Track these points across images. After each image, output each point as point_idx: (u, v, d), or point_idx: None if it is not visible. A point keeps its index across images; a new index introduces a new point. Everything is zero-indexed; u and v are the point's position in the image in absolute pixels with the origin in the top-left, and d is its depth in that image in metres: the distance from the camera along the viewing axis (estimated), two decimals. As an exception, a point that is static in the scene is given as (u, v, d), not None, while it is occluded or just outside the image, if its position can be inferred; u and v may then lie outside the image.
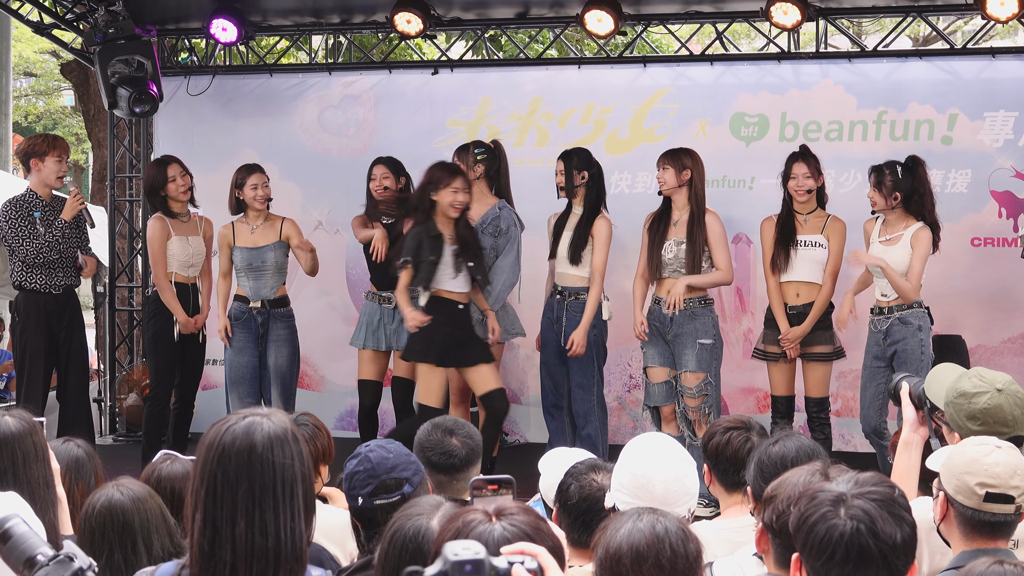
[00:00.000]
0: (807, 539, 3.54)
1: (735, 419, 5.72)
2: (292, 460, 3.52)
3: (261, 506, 3.48)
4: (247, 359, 10.71)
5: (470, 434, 5.45)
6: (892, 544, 3.48)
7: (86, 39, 11.91)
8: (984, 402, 5.12)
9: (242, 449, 3.53)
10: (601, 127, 12.14)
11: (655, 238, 9.89)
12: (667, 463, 4.52)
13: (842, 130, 11.74)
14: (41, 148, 10.62)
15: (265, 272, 10.63)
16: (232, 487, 3.50)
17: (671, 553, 3.60)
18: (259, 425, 3.55)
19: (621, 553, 3.55)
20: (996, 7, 10.62)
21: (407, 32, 11.81)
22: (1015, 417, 5.11)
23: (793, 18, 11.07)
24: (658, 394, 9.88)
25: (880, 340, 9.58)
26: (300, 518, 3.51)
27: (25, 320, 10.66)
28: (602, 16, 11.30)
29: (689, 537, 3.65)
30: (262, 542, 3.47)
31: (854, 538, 3.47)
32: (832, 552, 3.48)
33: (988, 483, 4.44)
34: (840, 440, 11.54)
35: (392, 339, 10.65)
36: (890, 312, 9.55)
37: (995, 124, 11.46)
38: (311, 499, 3.58)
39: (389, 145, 12.11)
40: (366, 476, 4.51)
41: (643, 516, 3.69)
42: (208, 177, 11.66)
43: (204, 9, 12.13)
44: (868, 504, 3.51)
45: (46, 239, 10.46)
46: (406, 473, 4.51)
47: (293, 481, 3.51)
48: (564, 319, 10.09)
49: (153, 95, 11.54)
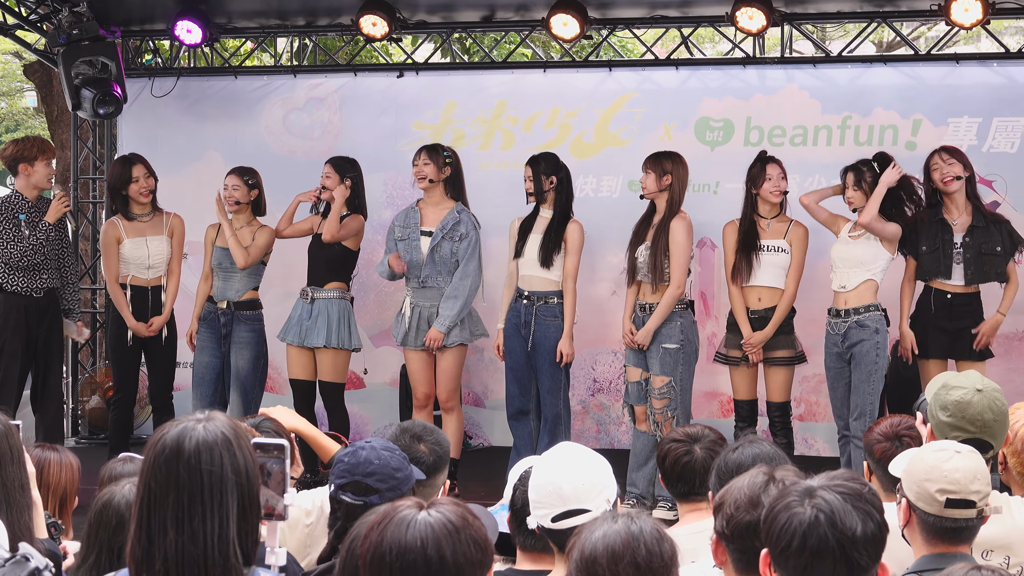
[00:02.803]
0: (770, 529, 3.56)
1: (683, 432, 5.71)
2: (221, 467, 3.49)
3: (190, 514, 3.46)
4: (208, 359, 10.77)
5: (438, 440, 5.44)
6: (851, 536, 3.49)
7: (50, 40, 11.86)
8: (959, 396, 5.13)
9: (170, 457, 3.51)
10: (567, 131, 12.15)
11: (635, 241, 9.95)
12: (569, 464, 4.48)
13: (807, 135, 11.78)
14: (31, 153, 10.55)
15: (234, 273, 10.67)
16: (163, 496, 3.49)
17: (646, 552, 3.60)
18: (190, 432, 3.53)
19: (597, 554, 3.56)
20: (960, 13, 10.68)
21: (372, 35, 11.81)
22: (984, 420, 5.10)
23: (758, 23, 11.11)
24: (633, 393, 9.94)
25: (839, 342, 9.67)
26: (229, 526, 3.48)
27: (4, 321, 10.59)
28: (567, 20, 11.31)
29: (664, 538, 3.65)
30: (192, 551, 3.45)
31: (812, 527, 3.49)
32: (790, 541, 3.50)
33: (948, 489, 4.42)
34: (803, 444, 11.60)
35: (305, 336, 10.53)
36: (847, 315, 9.63)
37: (959, 130, 11.51)
38: (249, 504, 3.55)
39: (354, 148, 12.07)
40: (345, 468, 4.53)
41: (618, 518, 3.70)
42: (173, 179, 11.67)
43: (169, 11, 12.08)
44: (832, 495, 3.53)
45: (30, 242, 10.42)
46: (380, 485, 4.51)
47: (223, 488, 3.48)
48: (533, 323, 10.10)
49: (117, 97, 11.49)
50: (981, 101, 11.49)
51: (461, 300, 10.24)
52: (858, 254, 9.61)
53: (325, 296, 10.53)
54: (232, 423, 3.61)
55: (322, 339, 10.45)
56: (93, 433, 12.68)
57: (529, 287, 10.17)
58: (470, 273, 10.28)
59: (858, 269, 9.64)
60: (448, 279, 10.28)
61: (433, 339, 10.23)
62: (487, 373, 12.13)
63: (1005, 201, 11.41)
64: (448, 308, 10.22)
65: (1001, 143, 11.47)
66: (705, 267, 11.59)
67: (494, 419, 12.12)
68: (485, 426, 12.20)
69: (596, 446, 9.87)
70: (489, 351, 11.13)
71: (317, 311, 10.49)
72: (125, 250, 10.71)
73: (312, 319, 10.49)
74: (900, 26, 12.19)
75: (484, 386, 12.24)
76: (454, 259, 10.29)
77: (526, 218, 10.29)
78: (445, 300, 10.24)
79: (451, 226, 10.31)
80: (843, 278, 9.69)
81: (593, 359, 11.82)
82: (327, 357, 10.52)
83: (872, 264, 9.63)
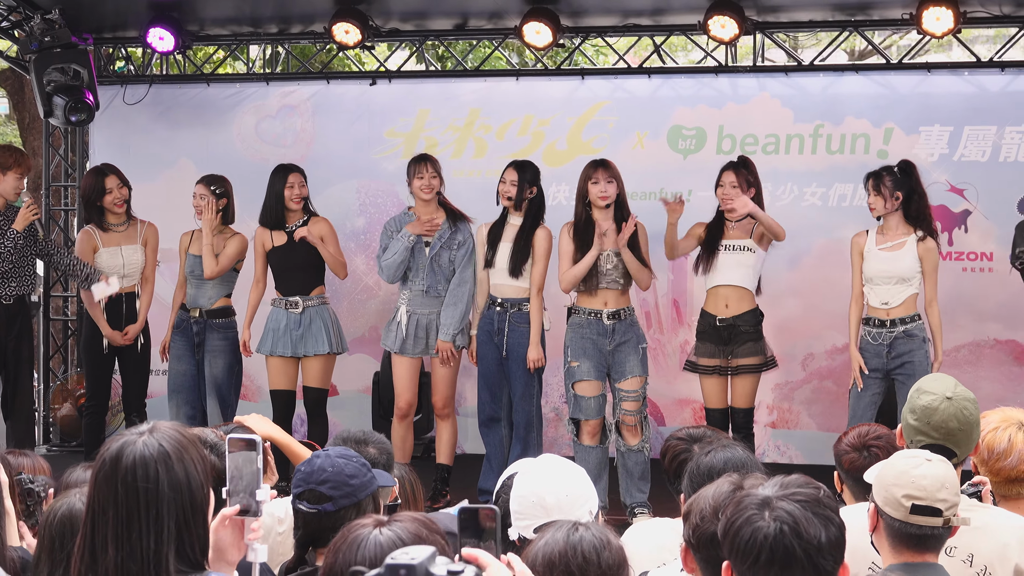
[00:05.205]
0: (733, 543, 3.57)
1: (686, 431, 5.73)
2: (156, 483, 3.50)
3: (128, 531, 3.48)
4: (184, 367, 10.78)
5: (381, 441, 5.50)
6: (817, 545, 3.50)
7: (21, 47, 11.85)
8: (927, 401, 5.19)
9: (109, 474, 3.53)
10: (539, 139, 12.19)
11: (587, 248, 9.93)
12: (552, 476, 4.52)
13: (779, 143, 11.83)
14: (6, 162, 10.55)
15: (206, 281, 10.68)
16: (103, 512, 3.52)
17: (582, 560, 3.64)
18: (129, 447, 3.55)
19: (536, 561, 3.59)
20: (932, 22, 10.74)
21: (345, 43, 11.81)
22: (949, 428, 5.14)
23: (731, 32, 11.14)
24: (592, 408, 9.87)
25: (882, 352, 9.64)
26: (165, 542, 3.49)
27: None
28: (540, 28, 11.32)
29: (606, 547, 3.69)
30: (131, 567, 3.47)
31: (778, 540, 3.50)
32: (757, 555, 3.50)
33: (915, 495, 4.42)
34: (776, 452, 11.64)
35: (299, 345, 10.54)
36: (893, 325, 9.65)
37: (930, 138, 11.58)
38: (192, 515, 3.56)
39: (327, 155, 12.18)
40: (301, 478, 4.54)
41: (563, 527, 3.75)
42: (145, 186, 11.63)
43: (141, 18, 12.07)
44: (792, 506, 3.54)
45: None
46: (333, 493, 4.52)
47: (159, 504, 3.49)
48: (506, 330, 10.12)
49: (89, 104, 11.49)
50: (952, 110, 11.56)
51: (461, 306, 10.30)
52: (901, 269, 9.59)
53: (314, 304, 10.55)
54: (178, 433, 3.62)
55: (323, 345, 10.47)
56: (64, 440, 12.66)
57: (501, 295, 10.17)
58: (467, 280, 10.32)
59: (901, 285, 9.68)
60: (447, 287, 10.32)
61: (444, 350, 10.28)
62: (460, 381, 12.10)
63: (976, 209, 11.49)
64: (449, 316, 10.27)
65: (972, 152, 11.53)
66: (678, 275, 11.63)
67: (468, 426, 12.12)
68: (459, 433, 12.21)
69: (569, 453, 9.94)
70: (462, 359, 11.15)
71: (309, 319, 10.49)
72: (101, 259, 10.75)
73: (304, 327, 10.48)
74: (872, 35, 12.26)
75: (458, 394, 12.19)
76: (451, 267, 10.33)
77: (494, 225, 10.28)
78: (446, 308, 10.28)
79: (449, 235, 10.36)
80: (884, 293, 9.67)
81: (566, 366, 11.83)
82: (316, 363, 10.53)
83: (913, 278, 9.68)
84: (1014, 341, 11.48)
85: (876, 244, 9.71)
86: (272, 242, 10.58)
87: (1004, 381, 11.39)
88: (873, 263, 9.68)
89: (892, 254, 9.63)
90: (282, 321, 10.56)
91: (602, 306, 9.88)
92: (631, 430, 9.79)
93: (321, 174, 11.54)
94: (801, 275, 11.37)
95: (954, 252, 11.40)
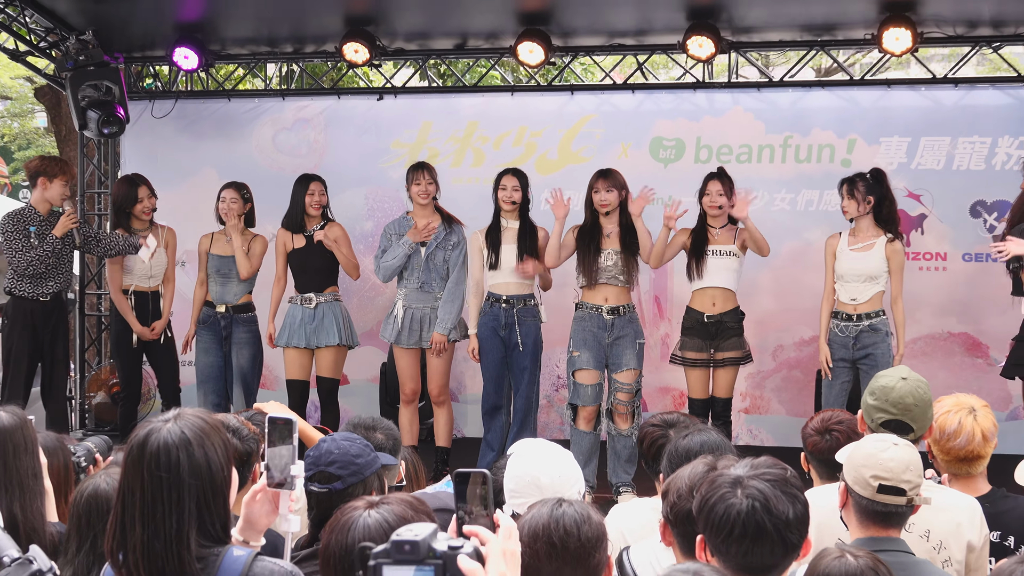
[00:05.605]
0: (708, 519, 3.60)
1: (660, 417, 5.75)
2: (178, 469, 3.51)
3: (153, 512, 3.49)
4: (212, 359, 10.89)
5: (388, 427, 5.48)
6: (785, 520, 3.55)
7: (58, 66, 11.83)
8: (885, 382, 5.35)
9: (136, 459, 3.54)
10: (532, 149, 12.16)
11: (590, 248, 9.94)
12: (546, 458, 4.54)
13: (751, 153, 11.81)
14: (53, 170, 10.65)
15: (231, 279, 10.79)
16: (131, 494, 3.53)
17: (563, 533, 3.63)
18: (154, 434, 3.55)
19: (522, 532, 3.57)
20: (891, 42, 10.74)
21: (354, 61, 11.78)
22: (905, 404, 5.26)
23: (707, 51, 11.12)
24: (589, 395, 9.88)
25: (849, 344, 9.61)
26: (187, 523, 3.49)
27: (12, 323, 10.72)
28: (533, 48, 11.32)
29: (586, 522, 3.68)
30: (155, 545, 3.48)
31: (750, 515, 3.54)
32: (731, 529, 3.54)
33: (882, 476, 4.48)
34: (748, 435, 11.65)
35: (312, 337, 10.61)
36: (859, 320, 9.61)
37: (890, 148, 11.57)
38: (212, 497, 3.56)
39: (338, 164, 12.17)
40: (311, 461, 4.54)
41: (548, 503, 3.75)
42: (171, 193, 11.73)
43: (168, 38, 12.06)
44: (763, 484, 3.58)
45: (38, 252, 10.46)
46: (341, 472, 4.51)
47: (180, 489, 3.50)
48: (515, 323, 10.16)
49: (120, 117, 11.51)
50: (910, 122, 11.56)
51: (457, 303, 10.35)
52: (870, 267, 9.58)
53: (327, 300, 10.62)
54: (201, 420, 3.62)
55: (334, 338, 10.53)
56: (99, 425, 12.63)
57: (507, 292, 10.19)
58: (463, 279, 10.39)
59: (869, 283, 9.63)
60: (441, 284, 10.38)
61: (438, 342, 10.30)
62: (461, 371, 12.12)
63: (932, 213, 11.48)
64: (446, 312, 10.31)
65: (928, 160, 11.52)
66: (659, 273, 11.59)
67: (467, 412, 12.13)
68: (459, 419, 12.17)
69: (558, 437, 9.93)
70: (461, 350, 11.12)
71: (322, 314, 10.56)
72: (130, 261, 10.88)
73: (318, 321, 10.56)
74: (837, 53, 12.20)
75: (458, 383, 12.23)
76: (446, 266, 10.37)
77: (490, 230, 10.30)
78: (444, 304, 10.32)
79: (443, 236, 10.37)
80: (853, 290, 9.65)
81: (557, 358, 11.81)
82: (329, 354, 10.60)
83: (880, 277, 9.63)
84: (966, 334, 11.47)
85: (848, 245, 9.71)
86: (292, 244, 10.64)
87: (957, 370, 11.39)
88: (844, 262, 9.67)
89: (862, 254, 9.62)
90: (298, 316, 10.63)
91: (602, 301, 9.91)
92: (622, 417, 9.82)
93: (333, 182, 11.48)
94: (771, 274, 11.34)
95: (911, 252, 11.38)
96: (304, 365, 10.68)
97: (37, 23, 11.90)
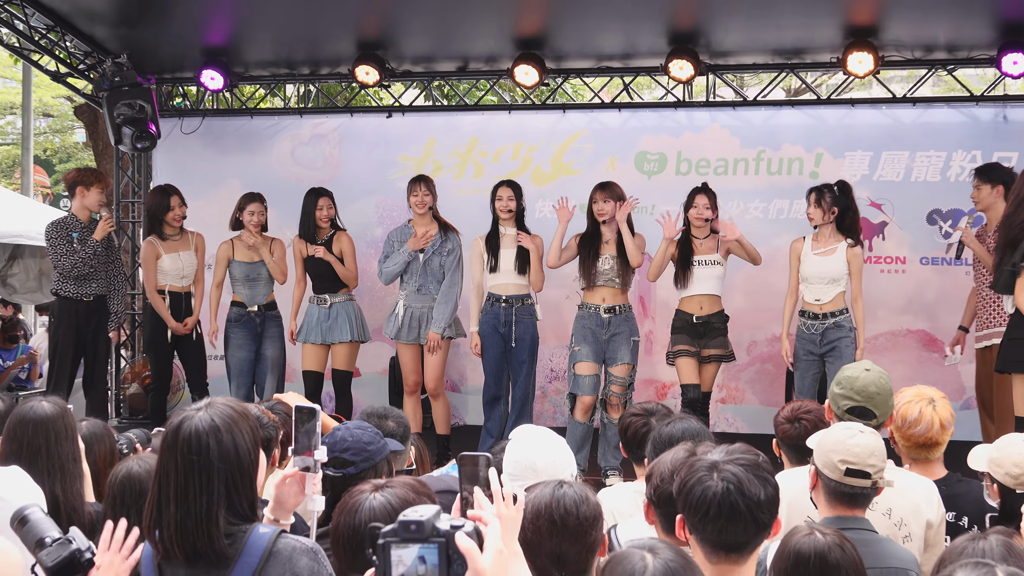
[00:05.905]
0: (687, 500, 3.61)
1: (640, 407, 5.78)
2: (208, 454, 3.53)
3: (185, 493, 3.51)
4: (245, 354, 10.93)
5: (399, 416, 5.51)
6: (757, 501, 3.56)
7: (95, 86, 11.85)
8: (850, 372, 5.42)
9: (170, 444, 3.57)
10: (528, 162, 12.18)
11: (590, 253, 9.98)
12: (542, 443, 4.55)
13: (727, 166, 11.82)
14: (89, 180, 10.68)
15: (259, 282, 10.88)
16: (166, 476, 3.56)
17: (564, 512, 3.66)
18: (187, 421, 3.58)
19: (525, 511, 3.59)
20: (855, 65, 10.77)
21: (366, 82, 11.80)
22: (869, 392, 5.31)
23: (688, 73, 11.16)
24: (587, 386, 9.91)
25: (816, 340, 9.59)
26: (216, 504, 3.52)
27: (58, 321, 10.78)
28: (528, 70, 11.35)
29: (585, 502, 3.71)
30: (187, 523, 3.51)
31: (725, 497, 3.55)
32: (707, 509, 3.56)
33: (849, 460, 4.51)
34: (725, 423, 11.67)
35: (327, 334, 10.71)
36: (825, 318, 9.60)
37: (854, 161, 11.58)
38: (240, 479, 3.58)
39: (351, 177, 12.21)
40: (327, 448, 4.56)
41: (550, 484, 3.78)
42: (198, 202, 11.71)
43: (195, 61, 12.09)
44: (736, 468, 3.59)
45: (81, 255, 10.50)
46: (355, 458, 4.54)
47: (210, 473, 3.52)
48: (513, 322, 10.20)
49: (152, 133, 11.54)
50: (872, 138, 11.56)
51: (451, 304, 10.41)
52: (832, 270, 9.58)
53: (340, 300, 10.72)
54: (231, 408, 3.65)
55: (347, 334, 10.65)
56: (132, 415, 12.65)
57: (506, 293, 10.25)
58: (456, 282, 10.45)
59: (832, 285, 9.63)
60: (437, 286, 10.44)
61: (433, 340, 10.34)
62: (462, 364, 12.14)
63: (892, 221, 11.50)
64: (441, 312, 10.37)
65: (888, 173, 11.53)
66: (643, 275, 11.61)
67: (468, 402, 12.15)
68: (461, 408, 12.20)
69: (552, 424, 9.95)
70: (465, 346, 11.15)
71: (336, 312, 10.67)
72: (164, 264, 10.88)
73: (332, 319, 10.67)
74: (805, 75, 12.24)
75: (460, 375, 12.25)
76: (442, 270, 10.43)
77: (489, 236, 10.37)
78: (438, 305, 10.37)
79: (440, 243, 10.42)
80: (817, 291, 9.64)
81: (551, 352, 11.84)
82: (343, 349, 10.71)
83: (841, 278, 9.63)
84: (923, 331, 11.48)
85: (812, 249, 9.71)
86: (307, 251, 10.69)
87: (915, 364, 11.40)
88: (808, 265, 9.67)
89: (825, 258, 9.63)
90: (315, 315, 10.75)
91: (600, 301, 9.98)
92: (614, 408, 9.86)
93: (346, 192, 11.56)
94: (746, 276, 11.34)
95: (873, 256, 11.40)
96: (320, 358, 10.79)
97: (77, 47, 11.93)
